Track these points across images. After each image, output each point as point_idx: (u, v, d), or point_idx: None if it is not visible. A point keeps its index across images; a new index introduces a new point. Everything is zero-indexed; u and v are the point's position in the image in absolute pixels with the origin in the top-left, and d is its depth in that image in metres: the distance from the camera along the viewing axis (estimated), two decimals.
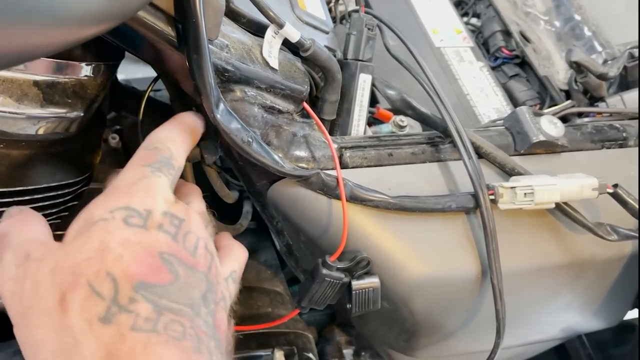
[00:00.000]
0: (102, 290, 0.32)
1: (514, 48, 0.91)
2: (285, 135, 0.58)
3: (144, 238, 0.35)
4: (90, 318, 0.32)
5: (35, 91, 0.55)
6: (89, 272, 0.33)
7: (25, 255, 0.35)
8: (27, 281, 0.34)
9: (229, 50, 0.53)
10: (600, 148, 0.72)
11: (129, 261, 0.34)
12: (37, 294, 0.33)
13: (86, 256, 0.33)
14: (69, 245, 0.35)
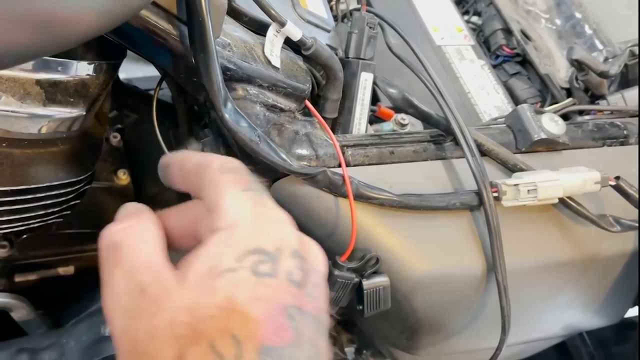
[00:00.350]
0: (224, 352, 0.30)
1: (515, 46, 0.91)
2: (288, 133, 0.58)
3: (273, 293, 0.32)
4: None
5: (37, 90, 0.55)
6: (212, 332, 0.30)
7: (140, 289, 0.32)
8: (142, 323, 0.31)
9: (231, 48, 0.53)
10: (601, 146, 0.72)
11: (255, 323, 0.31)
12: (153, 343, 0.30)
13: (210, 313, 0.30)
14: (190, 293, 0.31)
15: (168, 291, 0.31)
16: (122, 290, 0.32)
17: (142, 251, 0.34)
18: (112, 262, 0.34)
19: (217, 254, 0.32)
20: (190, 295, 0.31)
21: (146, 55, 0.57)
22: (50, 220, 0.66)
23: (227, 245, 0.32)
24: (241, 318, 0.30)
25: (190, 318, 0.30)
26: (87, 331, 0.70)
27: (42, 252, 0.81)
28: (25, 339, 0.74)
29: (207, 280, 0.31)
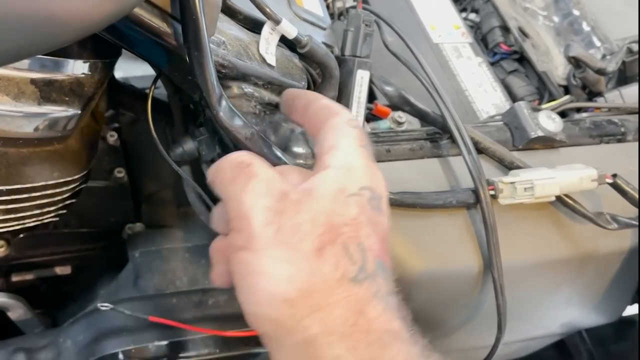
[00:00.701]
0: (354, 255, 0.37)
1: (512, 43, 0.91)
2: (283, 131, 0.58)
3: (384, 223, 0.40)
4: (343, 275, 0.36)
5: (32, 89, 0.54)
6: (345, 236, 0.37)
7: (282, 193, 0.38)
8: (286, 218, 0.37)
9: (226, 47, 0.53)
10: (598, 143, 0.72)
11: (375, 240, 0.39)
12: (297, 235, 0.36)
13: (344, 222, 0.37)
14: (327, 202, 0.38)
15: (307, 197, 0.38)
16: (264, 192, 0.37)
17: (271, 170, 0.40)
18: (246, 174, 0.39)
19: (343, 181, 0.39)
20: (327, 204, 0.37)
21: (141, 54, 0.57)
22: (46, 220, 0.65)
23: (349, 177, 0.39)
24: (366, 233, 0.38)
25: (328, 221, 0.37)
26: (83, 331, 0.71)
27: (39, 252, 0.81)
28: (22, 338, 0.74)
29: (339, 196, 0.38)
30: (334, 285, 0.36)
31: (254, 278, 0.36)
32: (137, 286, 0.76)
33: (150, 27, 0.49)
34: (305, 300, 0.35)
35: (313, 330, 0.35)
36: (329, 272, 0.36)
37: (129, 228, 0.85)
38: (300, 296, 0.35)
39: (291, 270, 0.36)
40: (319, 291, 0.36)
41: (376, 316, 0.36)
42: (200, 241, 0.83)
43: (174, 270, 0.78)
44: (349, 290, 0.36)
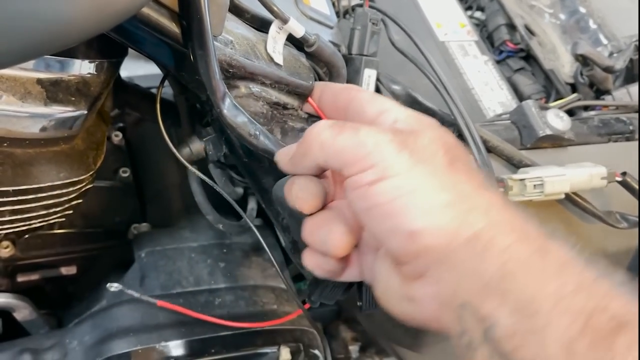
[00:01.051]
0: (475, 169, 0.41)
1: (518, 41, 0.90)
2: (290, 130, 0.58)
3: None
4: (476, 184, 0.39)
5: (38, 89, 0.54)
6: (462, 155, 0.41)
7: (394, 130, 0.41)
8: (411, 144, 0.39)
9: (234, 46, 0.53)
10: (607, 141, 0.72)
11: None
12: (427, 153, 0.39)
13: (454, 144, 0.41)
14: (433, 131, 0.41)
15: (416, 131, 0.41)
16: (380, 131, 0.40)
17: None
18: (349, 127, 0.41)
19: (425, 121, 0.43)
20: (435, 132, 0.41)
21: (148, 54, 0.57)
22: (52, 220, 0.65)
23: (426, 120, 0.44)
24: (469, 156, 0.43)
25: (443, 143, 0.40)
26: (90, 331, 0.70)
27: (44, 252, 0.81)
28: (28, 339, 0.74)
29: (435, 128, 0.42)
30: (477, 190, 0.39)
31: (407, 197, 0.38)
32: (143, 286, 0.76)
33: (158, 27, 0.49)
34: (462, 202, 0.38)
35: (479, 225, 0.37)
36: (467, 181, 0.39)
37: (134, 228, 0.85)
38: (456, 199, 0.38)
39: (438, 181, 0.38)
40: (469, 195, 0.38)
41: (523, 215, 0.38)
42: (206, 241, 0.83)
43: (180, 270, 0.78)
44: (484, 194, 0.39)
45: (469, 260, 0.36)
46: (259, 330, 0.73)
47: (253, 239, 0.85)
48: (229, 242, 0.84)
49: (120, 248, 0.86)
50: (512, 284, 0.34)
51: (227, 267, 0.80)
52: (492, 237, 0.36)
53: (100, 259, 0.87)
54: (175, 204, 0.89)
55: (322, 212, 0.45)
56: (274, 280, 0.82)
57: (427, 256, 0.38)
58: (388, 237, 0.39)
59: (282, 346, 0.73)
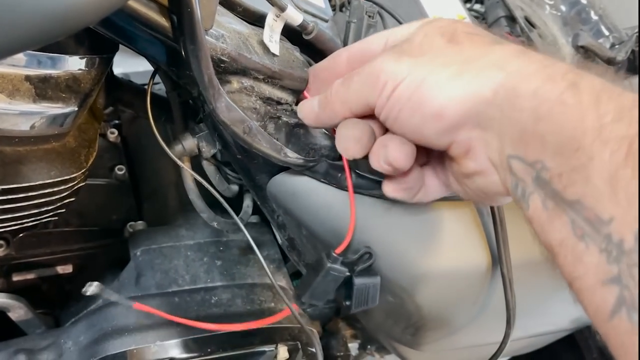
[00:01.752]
0: (479, 32, 0.43)
1: (519, 34, 0.89)
2: (284, 126, 0.57)
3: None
4: (485, 44, 0.41)
5: (27, 86, 0.53)
6: (463, 27, 0.43)
7: (393, 46, 0.46)
8: (406, 47, 0.43)
9: (225, 40, 0.51)
10: None
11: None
12: (425, 47, 0.42)
13: (451, 20, 0.44)
14: (428, 23, 0.45)
15: (407, 38, 0.45)
16: (384, 52, 0.45)
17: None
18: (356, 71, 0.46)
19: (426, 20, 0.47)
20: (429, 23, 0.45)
21: (138, 49, 0.56)
22: (45, 219, 0.64)
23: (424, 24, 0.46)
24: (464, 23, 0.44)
25: (439, 25, 0.43)
26: (85, 331, 0.69)
27: (39, 251, 0.80)
28: (23, 339, 0.73)
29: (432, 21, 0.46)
30: (487, 48, 0.40)
31: (420, 87, 0.41)
32: (139, 285, 0.75)
33: (146, 21, 0.48)
34: (470, 67, 0.39)
35: (496, 79, 0.38)
36: (472, 46, 0.41)
37: (130, 226, 0.84)
38: (463, 67, 0.39)
39: (441, 60, 0.41)
40: (477, 57, 0.39)
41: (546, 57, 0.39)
42: (202, 238, 0.82)
43: (176, 268, 0.77)
44: (503, 46, 0.40)
45: (500, 114, 0.38)
46: (257, 329, 0.72)
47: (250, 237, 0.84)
48: (226, 240, 0.83)
49: (116, 246, 0.85)
50: (548, 125, 0.35)
51: (223, 265, 0.79)
52: (514, 87, 0.37)
53: (96, 258, 0.86)
54: (171, 201, 0.89)
55: (377, 140, 0.47)
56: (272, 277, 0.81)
57: (460, 129, 0.40)
58: (422, 130, 0.42)
59: (280, 344, 0.72)
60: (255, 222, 0.88)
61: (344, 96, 0.46)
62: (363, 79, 0.44)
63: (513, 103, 0.37)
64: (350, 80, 0.46)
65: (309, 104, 0.51)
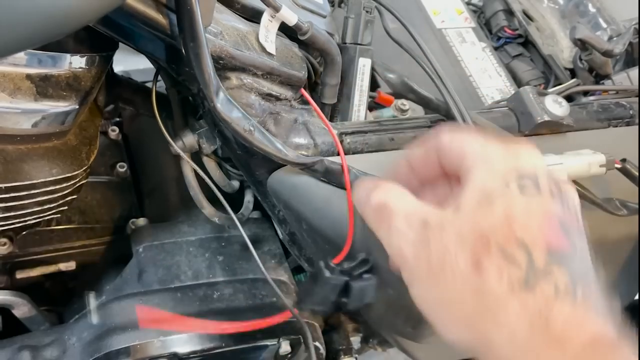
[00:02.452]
0: (517, 256, 0.33)
1: (516, 27, 0.90)
2: (284, 122, 0.57)
3: (544, 206, 0.35)
4: (511, 283, 0.33)
5: (28, 85, 0.54)
6: (499, 239, 0.34)
7: (422, 222, 0.37)
8: (432, 245, 0.36)
9: (223, 37, 0.52)
10: (607, 126, 0.71)
11: (536, 229, 0.34)
12: (447, 257, 0.35)
13: (492, 224, 0.34)
14: (470, 214, 0.36)
15: (448, 218, 0.36)
16: (406, 228, 0.37)
17: (407, 200, 0.39)
18: (386, 214, 0.39)
19: (484, 183, 0.36)
20: (470, 217, 0.35)
21: (138, 47, 0.56)
22: (47, 217, 0.65)
23: (489, 172, 0.36)
24: (521, 225, 0.34)
25: (475, 230, 0.34)
26: (88, 327, 0.70)
27: (42, 248, 0.80)
28: (27, 336, 0.74)
29: (482, 203, 0.35)
30: (504, 299, 0.33)
31: (427, 309, 0.37)
32: (141, 281, 0.75)
33: (145, 19, 0.48)
34: (481, 321, 0.34)
35: (499, 342, 0.34)
36: (494, 284, 0.33)
37: (132, 223, 0.84)
38: (475, 319, 0.34)
39: (459, 295, 0.35)
40: (491, 309, 0.34)
41: (564, 322, 0.32)
42: (204, 234, 0.82)
43: (178, 264, 0.77)
44: (523, 300, 0.33)
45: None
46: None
47: (251, 232, 0.85)
48: (227, 236, 0.83)
49: (118, 243, 0.85)
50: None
51: (225, 261, 0.80)
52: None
53: (99, 255, 0.86)
54: (173, 198, 0.89)
55: None
56: (273, 272, 0.81)
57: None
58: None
59: (282, 339, 0.73)
60: (257, 217, 0.88)
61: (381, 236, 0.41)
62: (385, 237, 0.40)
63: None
64: (379, 234, 0.40)
65: (367, 187, 0.43)
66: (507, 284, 0.33)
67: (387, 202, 0.39)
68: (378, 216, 0.40)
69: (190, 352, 0.68)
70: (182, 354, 0.68)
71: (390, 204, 0.39)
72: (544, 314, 0.32)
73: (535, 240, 0.34)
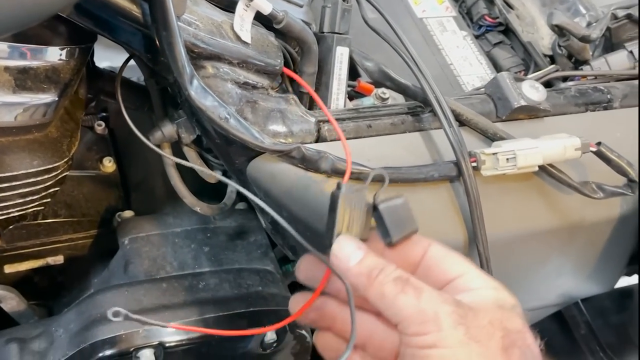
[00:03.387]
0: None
1: (497, 15, 0.90)
2: (261, 110, 0.58)
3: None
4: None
5: (6, 77, 0.54)
6: (520, 342, 0.41)
7: (456, 301, 0.42)
8: (470, 320, 0.40)
9: (197, 26, 0.53)
10: (584, 111, 0.71)
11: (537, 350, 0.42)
12: (483, 334, 0.40)
13: (516, 329, 0.41)
14: (496, 312, 0.42)
15: (478, 307, 0.42)
16: (442, 300, 0.41)
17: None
18: (413, 287, 0.42)
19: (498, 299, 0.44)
20: (497, 314, 0.42)
21: (113, 37, 0.57)
22: (30, 209, 0.65)
23: (499, 297, 0.44)
24: (532, 343, 0.42)
25: (504, 327, 0.41)
26: (75, 319, 0.71)
27: (29, 242, 0.81)
28: (15, 329, 0.74)
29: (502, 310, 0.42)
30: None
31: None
32: (127, 272, 0.76)
33: (118, 9, 0.49)
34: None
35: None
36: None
37: (118, 216, 0.85)
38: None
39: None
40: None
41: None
42: (190, 226, 0.83)
43: (164, 255, 0.78)
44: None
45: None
46: (245, 312, 0.74)
47: (237, 223, 0.85)
48: (213, 227, 0.84)
49: (105, 236, 0.86)
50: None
51: (211, 251, 0.81)
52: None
53: (86, 248, 0.87)
54: (159, 190, 0.90)
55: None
56: (259, 262, 0.82)
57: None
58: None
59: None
60: (243, 208, 0.89)
61: (381, 300, 0.43)
62: (412, 306, 0.41)
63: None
64: (402, 293, 0.42)
65: (352, 249, 0.45)
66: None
67: (409, 277, 0.42)
68: (401, 284, 0.42)
69: (176, 341, 0.69)
70: (168, 344, 0.68)
71: (413, 279, 0.42)
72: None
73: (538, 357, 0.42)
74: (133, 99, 0.75)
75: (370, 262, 0.44)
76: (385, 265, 0.43)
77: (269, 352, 0.77)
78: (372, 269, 0.43)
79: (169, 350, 0.69)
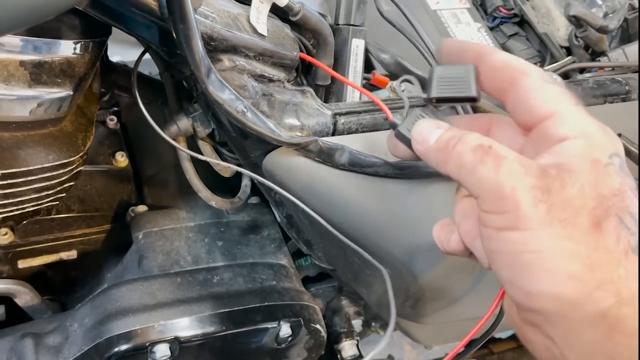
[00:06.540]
0: (631, 226, 0.36)
1: (512, 7, 0.89)
2: (277, 103, 0.57)
3: (636, 186, 0.38)
4: (625, 246, 0.35)
5: (22, 71, 0.54)
6: (617, 207, 0.36)
7: (541, 170, 0.37)
8: (554, 195, 0.36)
9: (214, 18, 0.52)
10: (602, 103, 0.71)
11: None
12: (569, 210, 0.35)
13: (612, 192, 0.36)
14: (591, 175, 0.36)
15: (566, 173, 0.36)
16: (523, 173, 0.36)
17: (513, 151, 0.38)
18: (493, 156, 0.37)
19: (592, 151, 0.37)
20: (589, 177, 0.36)
21: (129, 30, 0.56)
22: (45, 204, 0.65)
23: (594, 146, 0.37)
24: (633, 202, 0.37)
25: (597, 194, 0.36)
26: (89, 313, 0.71)
27: (43, 237, 0.81)
28: (29, 324, 0.75)
29: (597, 167, 0.36)
30: (620, 258, 0.35)
31: (531, 256, 0.36)
32: (141, 267, 0.76)
33: (135, 1, 0.48)
34: (592, 274, 0.35)
35: (607, 303, 0.34)
36: (613, 245, 0.35)
37: (132, 210, 0.85)
38: (586, 270, 0.35)
39: (572, 246, 0.35)
40: (605, 264, 0.35)
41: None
42: (203, 220, 0.83)
43: (177, 249, 0.78)
44: (633, 263, 0.35)
45: (591, 338, 0.35)
46: (259, 307, 0.73)
47: (250, 217, 0.85)
48: (227, 221, 0.84)
49: (119, 231, 0.86)
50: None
51: (224, 245, 0.80)
52: (620, 318, 0.34)
53: (100, 243, 0.87)
54: (172, 184, 0.89)
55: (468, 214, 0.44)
56: (273, 256, 0.82)
57: (542, 316, 0.37)
58: (506, 284, 0.38)
59: (282, 321, 0.73)
60: (256, 202, 0.89)
61: (460, 172, 0.39)
62: (490, 179, 0.37)
63: (612, 334, 0.34)
64: (481, 164, 0.38)
65: (430, 129, 0.43)
66: (622, 247, 0.35)
67: (492, 145, 0.38)
68: (481, 153, 0.38)
69: (191, 336, 0.69)
70: (183, 338, 0.68)
71: (496, 146, 0.38)
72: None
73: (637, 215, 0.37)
74: (146, 93, 0.74)
75: (449, 134, 0.40)
76: (464, 134, 0.39)
77: (283, 346, 0.77)
78: (449, 139, 0.40)
79: (184, 345, 0.68)
